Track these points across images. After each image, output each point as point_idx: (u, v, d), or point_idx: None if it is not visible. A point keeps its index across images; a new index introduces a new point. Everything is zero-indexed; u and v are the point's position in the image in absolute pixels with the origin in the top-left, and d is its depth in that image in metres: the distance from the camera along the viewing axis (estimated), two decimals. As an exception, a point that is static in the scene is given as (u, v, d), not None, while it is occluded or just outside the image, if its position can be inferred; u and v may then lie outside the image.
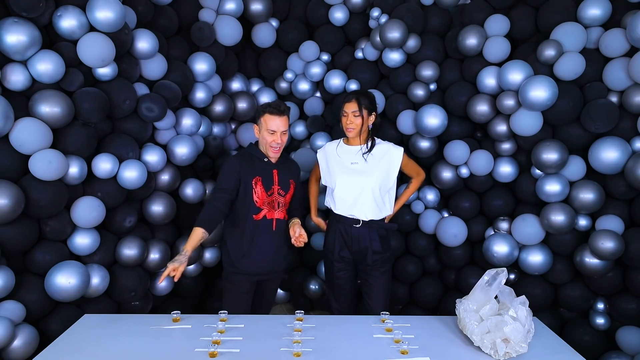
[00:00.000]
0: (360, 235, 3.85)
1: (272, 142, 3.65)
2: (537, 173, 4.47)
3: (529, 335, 2.72)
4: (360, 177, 3.78)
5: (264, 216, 3.68)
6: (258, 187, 3.65)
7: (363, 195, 3.78)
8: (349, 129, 3.80)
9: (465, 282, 4.95)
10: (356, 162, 3.83)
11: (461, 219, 4.89)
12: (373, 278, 3.91)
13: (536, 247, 4.51)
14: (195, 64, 4.77)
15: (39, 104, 3.45)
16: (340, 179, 3.83)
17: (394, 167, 3.84)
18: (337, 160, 3.91)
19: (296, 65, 5.48)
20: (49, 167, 3.42)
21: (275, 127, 3.62)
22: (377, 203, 3.81)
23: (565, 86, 4.23)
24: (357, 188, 3.78)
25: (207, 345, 2.67)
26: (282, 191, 3.75)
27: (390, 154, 3.84)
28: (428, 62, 4.87)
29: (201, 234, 3.36)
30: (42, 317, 3.63)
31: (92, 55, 3.69)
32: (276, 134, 3.63)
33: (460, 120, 4.90)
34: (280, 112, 3.63)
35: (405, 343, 2.72)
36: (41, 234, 3.65)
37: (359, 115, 3.77)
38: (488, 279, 2.80)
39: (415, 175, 4.11)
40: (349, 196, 3.81)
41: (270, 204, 3.69)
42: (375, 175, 3.78)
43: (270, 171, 3.73)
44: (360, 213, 3.81)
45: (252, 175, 3.66)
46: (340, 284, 4.02)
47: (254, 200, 3.65)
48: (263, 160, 3.74)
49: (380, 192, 3.80)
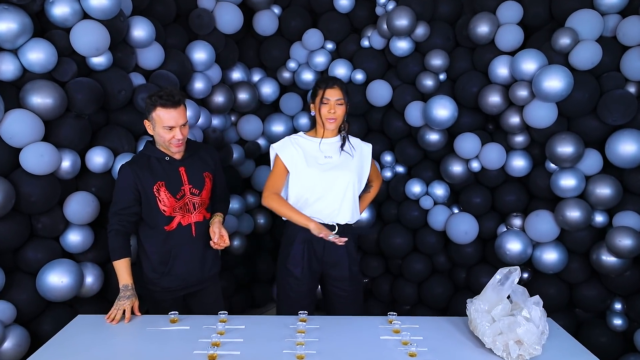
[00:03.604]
0: None
1: (171, 139, 3.25)
2: (552, 167, 4.45)
3: (543, 337, 2.70)
4: (339, 173, 3.51)
5: (178, 224, 3.38)
6: (162, 194, 3.31)
7: (344, 194, 3.51)
8: (331, 120, 3.50)
9: (476, 281, 4.93)
10: (330, 157, 3.57)
11: (472, 215, 4.88)
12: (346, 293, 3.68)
13: (550, 245, 4.49)
14: (193, 53, 4.76)
15: (30, 95, 3.44)
16: (317, 176, 3.49)
17: (367, 163, 3.69)
18: (313, 155, 3.56)
19: (299, 54, 5.47)
20: (40, 160, 3.41)
21: (172, 121, 3.20)
22: (355, 203, 3.59)
23: (581, 76, 4.20)
24: (337, 185, 3.50)
25: (206, 347, 2.66)
26: (195, 189, 3.42)
27: (362, 149, 3.69)
28: (437, 50, 4.85)
29: (128, 261, 3.23)
30: (34, 317, 3.63)
31: (86, 44, 3.67)
32: (175, 129, 3.23)
33: (471, 112, 4.88)
34: (175, 103, 3.20)
35: (414, 345, 2.70)
36: (32, 231, 3.65)
37: (342, 104, 3.52)
38: (500, 278, 2.79)
39: (375, 178, 3.93)
40: (328, 195, 3.50)
41: (182, 208, 3.38)
42: (354, 170, 3.55)
43: (175, 170, 3.38)
44: (339, 215, 3.53)
45: (152, 182, 3.29)
46: (306, 305, 3.61)
47: (161, 210, 3.32)
48: (164, 159, 3.37)
49: (357, 192, 3.60)
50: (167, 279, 3.46)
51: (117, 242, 3.23)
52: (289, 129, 5.53)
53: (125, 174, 3.29)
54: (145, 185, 3.29)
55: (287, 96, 5.59)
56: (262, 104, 5.65)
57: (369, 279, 5.62)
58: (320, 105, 3.51)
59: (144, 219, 3.39)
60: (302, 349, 2.64)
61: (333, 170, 3.51)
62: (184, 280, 3.49)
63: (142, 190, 3.29)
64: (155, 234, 3.40)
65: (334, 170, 3.51)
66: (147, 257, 3.46)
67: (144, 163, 3.35)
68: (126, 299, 3.07)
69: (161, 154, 3.38)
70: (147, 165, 3.34)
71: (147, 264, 3.48)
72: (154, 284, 3.48)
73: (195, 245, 3.47)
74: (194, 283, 3.55)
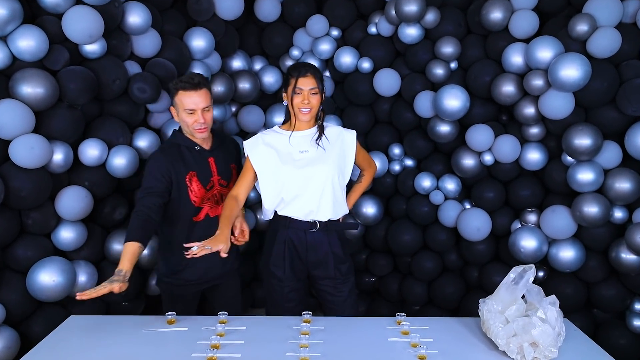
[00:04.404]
0: (318, 241, 3.49)
1: (193, 123, 3.32)
2: (569, 160, 4.43)
3: (560, 339, 2.69)
4: (316, 167, 3.39)
5: (206, 215, 3.46)
6: (194, 184, 3.39)
7: (323, 190, 3.40)
8: (305, 110, 3.37)
9: (489, 280, 4.92)
10: (306, 151, 3.45)
11: (484, 211, 4.87)
12: (339, 293, 3.60)
13: (567, 242, 4.48)
14: (192, 40, 4.76)
15: (20, 84, 3.45)
16: (292, 173, 3.39)
17: (350, 153, 3.54)
18: (287, 151, 3.46)
19: (303, 42, 5.46)
20: (30, 153, 3.42)
21: (192, 104, 3.28)
22: (336, 198, 3.47)
23: (599, 64, 4.18)
24: (314, 181, 3.39)
25: (205, 349, 2.65)
26: (223, 181, 3.52)
27: (344, 138, 3.55)
28: (448, 38, 4.83)
29: (137, 248, 3.04)
30: (24, 318, 3.65)
31: (79, 31, 3.68)
32: (196, 112, 3.30)
33: (483, 102, 4.87)
34: (195, 86, 3.28)
35: (424, 347, 2.69)
36: (22, 228, 3.66)
37: (317, 93, 3.38)
38: (514, 276, 2.78)
39: (367, 166, 3.84)
40: (305, 192, 3.40)
41: (211, 199, 3.47)
42: (332, 163, 3.42)
43: (205, 160, 3.46)
44: (319, 213, 3.43)
45: (185, 170, 3.37)
46: (291, 307, 3.56)
47: (191, 201, 3.40)
48: (194, 149, 3.45)
49: (340, 184, 3.47)
50: (189, 270, 3.51)
51: (133, 223, 3.15)
52: (292, 120, 5.49)
53: (159, 161, 3.34)
54: (178, 175, 3.35)
55: (290, 86, 5.53)
56: (263, 94, 5.62)
57: (377, 277, 5.62)
58: (293, 95, 3.39)
59: (172, 209, 3.41)
60: (306, 352, 2.63)
61: (309, 165, 3.40)
62: (205, 273, 3.54)
63: (175, 179, 3.34)
64: (182, 224, 3.44)
65: (310, 165, 3.40)
66: (171, 248, 3.49)
67: (176, 152, 3.41)
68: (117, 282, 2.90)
69: (191, 143, 3.45)
70: (178, 154, 3.40)
71: (170, 256, 3.53)
72: (175, 277, 3.54)
73: None
74: (214, 277, 3.61)
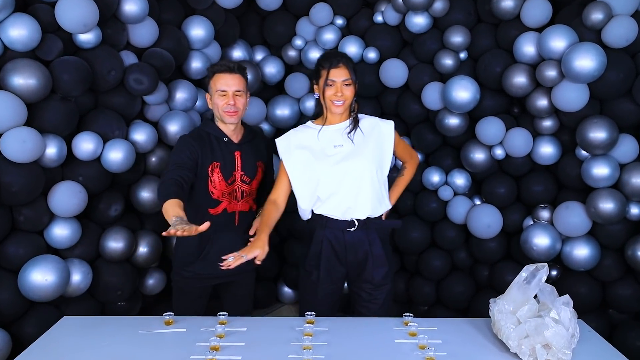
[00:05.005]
0: (357, 241, 3.42)
1: (224, 105, 3.42)
2: (583, 154, 4.42)
3: (574, 341, 2.69)
4: (351, 162, 3.34)
5: (223, 209, 3.52)
6: (215, 175, 3.46)
7: (360, 185, 3.34)
8: (337, 104, 3.33)
9: (500, 280, 4.92)
10: (340, 145, 3.39)
11: (495, 207, 4.86)
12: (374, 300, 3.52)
13: (582, 239, 4.47)
14: (190, 29, 4.75)
15: (12, 75, 3.45)
16: (327, 170, 3.34)
17: (388, 144, 3.47)
18: (320, 147, 3.42)
19: (306, 31, 5.44)
20: (22, 147, 3.41)
21: (225, 85, 3.40)
22: (376, 194, 3.40)
23: (615, 55, 4.17)
24: (351, 177, 3.33)
25: (205, 351, 2.65)
26: (246, 177, 3.55)
27: (380, 129, 3.49)
28: (458, 27, 4.81)
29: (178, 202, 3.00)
30: (15, 319, 3.65)
31: (73, 19, 3.67)
32: (227, 94, 3.41)
33: (494, 94, 4.85)
34: (230, 69, 3.43)
35: (432, 349, 2.68)
36: (14, 224, 3.66)
37: (350, 84, 3.34)
38: (526, 275, 2.77)
39: (408, 158, 3.79)
40: (341, 189, 3.34)
41: (231, 194, 3.52)
42: (369, 157, 3.36)
43: (231, 153, 3.52)
44: (357, 210, 3.37)
45: (210, 159, 3.45)
46: (324, 310, 3.44)
47: (209, 191, 3.48)
48: (222, 139, 3.53)
49: (378, 179, 3.40)
50: (200, 264, 3.57)
51: (167, 187, 3.11)
52: (294, 113, 5.52)
53: (187, 143, 3.43)
54: (203, 161, 3.43)
55: (293, 77, 5.56)
56: (265, 85, 5.63)
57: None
58: (325, 87, 3.34)
59: (190, 197, 3.46)
60: (310, 354, 2.62)
61: (344, 160, 3.35)
62: (217, 268, 3.43)
63: (200, 165, 3.42)
64: (198, 215, 3.43)
65: (345, 160, 3.35)
66: (184, 239, 3.52)
67: (204, 139, 3.50)
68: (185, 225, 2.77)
69: (220, 133, 3.53)
70: (206, 141, 3.49)
71: (183, 246, 3.62)
72: (186, 269, 3.60)
73: (236, 235, 3.57)
74: (226, 273, 3.48)
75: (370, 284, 3.49)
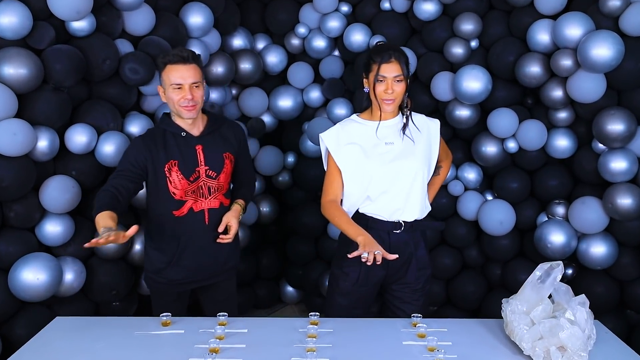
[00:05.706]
0: (402, 243, 3.35)
1: (180, 100, 3.28)
2: (600, 147, 4.42)
3: (590, 342, 2.69)
4: (404, 161, 3.29)
5: (189, 209, 3.41)
6: (174, 174, 3.34)
7: (411, 186, 3.30)
8: (388, 101, 3.23)
9: (513, 279, 4.91)
10: (392, 142, 3.33)
11: (508, 203, 4.86)
12: (415, 302, 3.48)
13: (598, 237, 4.47)
14: (188, 16, 4.74)
15: (1, 65, 3.46)
16: (379, 168, 3.28)
17: (435, 144, 3.46)
18: (372, 144, 3.33)
19: (310, 18, 5.43)
20: (13, 140, 3.42)
21: (180, 78, 3.25)
22: (424, 195, 3.38)
23: (633, 43, 4.16)
24: (403, 176, 3.28)
25: (204, 354, 2.64)
26: (211, 172, 3.44)
27: (429, 127, 3.45)
28: (468, 14, 4.81)
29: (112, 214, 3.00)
30: (6, 320, 3.66)
31: (65, 6, 3.67)
32: (183, 87, 3.26)
33: (506, 84, 4.84)
34: (184, 59, 3.27)
35: (441, 351, 2.67)
36: (4, 221, 3.67)
37: (402, 80, 3.22)
38: (540, 274, 2.77)
39: (445, 156, 3.75)
40: (392, 189, 3.29)
41: (195, 192, 3.41)
42: (421, 156, 3.34)
43: (191, 148, 3.41)
44: (406, 211, 3.32)
45: (165, 159, 3.33)
46: (358, 314, 3.47)
47: (170, 193, 3.37)
48: (180, 135, 3.41)
49: (426, 180, 3.39)
50: (174, 269, 3.50)
51: (101, 200, 3.10)
52: (297, 104, 5.52)
53: (135, 148, 3.35)
54: (156, 163, 3.32)
55: (296, 66, 5.57)
56: (267, 75, 5.63)
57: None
58: (375, 82, 3.24)
59: (151, 201, 3.46)
60: (314, 356, 2.61)
61: (397, 159, 3.30)
62: (194, 273, 3.52)
63: (152, 169, 3.32)
64: (163, 219, 3.43)
65: (398, 159, 3.30)
66: (153, 244, 3.51)
67: (159, 138, 3.38)
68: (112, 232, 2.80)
69: (177, 129, 3.41)
70: (160, 140, 3.38)
71: (153, 252, 3.53)
72: (159, 275, 3.53)
73: (208, 235, 3.48)
74: (205, 277, 3.58)
75: (410, 287, 3.46)
